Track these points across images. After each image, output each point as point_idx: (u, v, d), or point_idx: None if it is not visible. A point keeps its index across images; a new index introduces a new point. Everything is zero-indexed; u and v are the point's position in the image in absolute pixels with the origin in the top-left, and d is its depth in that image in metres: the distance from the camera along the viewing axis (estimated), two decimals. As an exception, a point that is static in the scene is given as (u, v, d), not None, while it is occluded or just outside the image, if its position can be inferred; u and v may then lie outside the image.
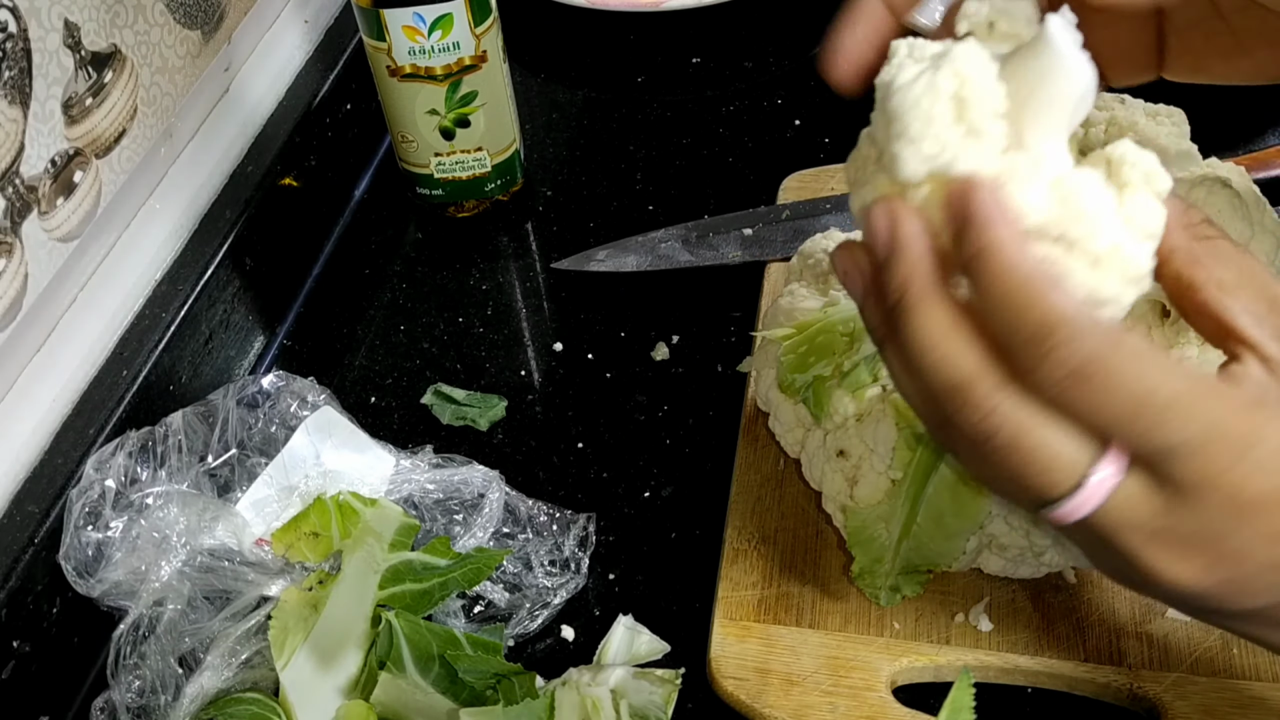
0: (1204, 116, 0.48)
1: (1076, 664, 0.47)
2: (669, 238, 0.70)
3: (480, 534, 0.53)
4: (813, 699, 0.47)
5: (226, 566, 0.51)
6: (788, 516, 0.53)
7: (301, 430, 0.56)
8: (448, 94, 0.68)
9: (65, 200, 0.56)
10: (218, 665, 0.48)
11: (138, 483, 0.52)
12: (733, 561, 0.52)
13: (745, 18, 0.88)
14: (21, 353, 0.54)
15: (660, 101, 0.83)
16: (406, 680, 0.47)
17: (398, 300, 0.71)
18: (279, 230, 0.70)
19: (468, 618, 0.52)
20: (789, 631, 0.49)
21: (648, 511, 0.57)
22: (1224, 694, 0.45)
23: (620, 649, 0.51)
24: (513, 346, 0.67)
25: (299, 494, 0.54)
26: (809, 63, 0.85)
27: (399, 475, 0.55)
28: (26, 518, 0.52)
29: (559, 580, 0.53)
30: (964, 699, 0.41)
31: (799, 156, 0.74)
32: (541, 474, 0.59)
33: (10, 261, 0.53)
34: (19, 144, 0.52)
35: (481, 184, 0.73)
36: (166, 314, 0.61)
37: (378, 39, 0.65)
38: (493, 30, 0.67)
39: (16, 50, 0.52)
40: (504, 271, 0.72)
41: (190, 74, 0.66)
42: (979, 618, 0.48)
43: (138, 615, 0.49)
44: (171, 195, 0.65)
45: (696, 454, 0.60)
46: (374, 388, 0.65)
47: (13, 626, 0.49)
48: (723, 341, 0.65)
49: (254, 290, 0.68)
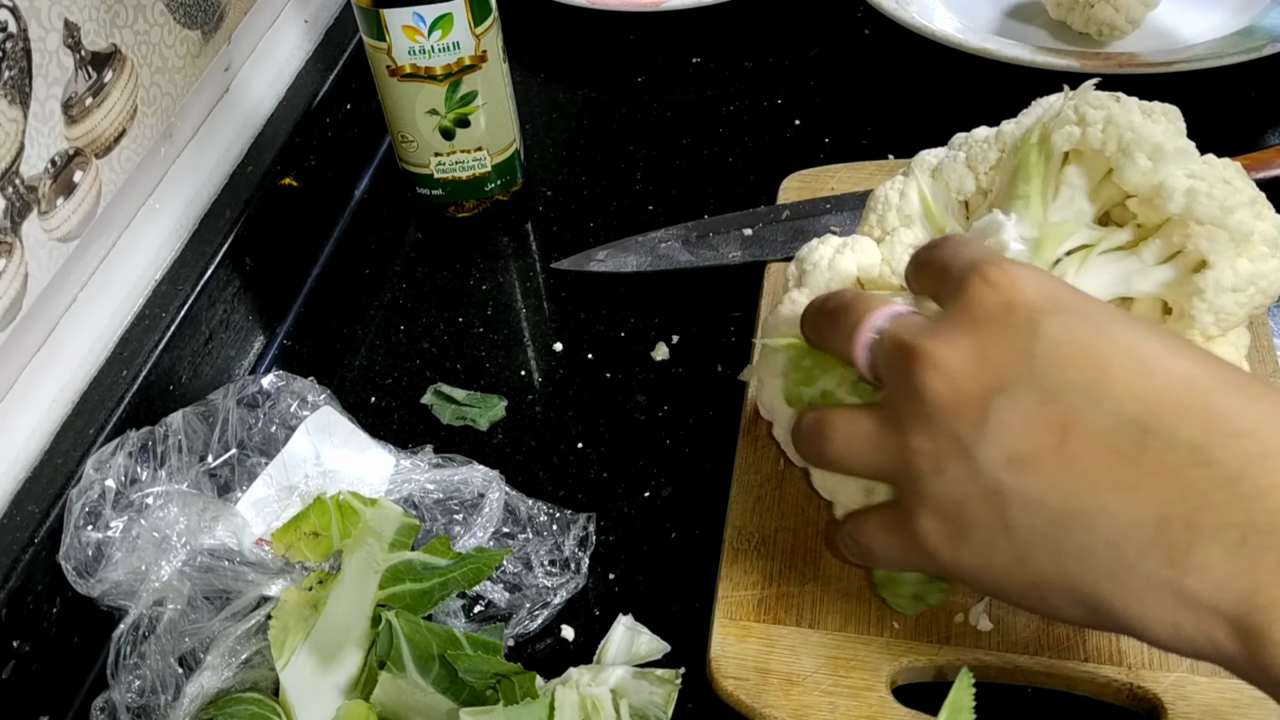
0: (1203, 115, 0.48)
1: (1076, 664, 0.47)
2: (669, 238, 0.70)
3: (480, 534, 0.53)
4: (813, 699, 0.47)
5: (226, 566, 0.51)
6: (788, 516, 0.53)
7: (301, 430, 0.56)
8: (448, 94, 0.68)
9: (65, 200, 0.56)
10: (218, 665, 0.48)
11: (138, 483, 0.52)
12: (733, 561, 0.52)
13: (745, 18, 0.88)
14: (21, 353, 0.54)
15: (660, 101, 0.83)
16: (406, 680, 0.47)
17: (398, 300, 0.71)
18: (279, 230, 0.70)
19: (468, 618, 0.52)
20: (789, 631, 0.49)
21: (648, 511, 0.57)
22: (1224, 694, 0.45)
23: (620, 649, 0.51)
24: (513, 346, 0.67)
25: (299, 494, 0.54)
26: (809, 63, 0.85)
27: (399, 475, 0.55)
28: (26, 518, 0.52)
29: (559, 580, 0.53)
30: (964, 699, 0.41)
31: (799, 156, 0.74)
32: (541, 474, 0.59)
33: (10, 261, 0.53)
34: (19, 144, 0.52)
35: (481, 184, 0.73)
36: (166, 314, 0.61)
37: (378, 39, 0.65)
38: (493, 30, 0.67)
39: (16, 50, 0.52)
40: (504, 271, 0.72)
41: (190, 74, 0.67)
42: (979, 618, 0.48)
43: (138, 615, 0.49)
44: (171, 195, 0.65)
45: (696, 454, 0.60)
46: (374, 388, 0.65)
47: (13, 626, 0.49)
48: (723, 342, 0.65)
49: (254, 290, 0.68)
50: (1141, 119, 0.43)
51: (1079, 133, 0.44)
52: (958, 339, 0.37)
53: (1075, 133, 0.44)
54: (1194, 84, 0.74)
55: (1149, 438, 0.34)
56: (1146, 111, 0.44)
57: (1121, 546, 0.34)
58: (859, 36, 0.86)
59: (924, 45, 0.79)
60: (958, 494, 0.37)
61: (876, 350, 0.40)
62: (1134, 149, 0.42)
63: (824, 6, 0.89)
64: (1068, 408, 0.35)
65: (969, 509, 0.37)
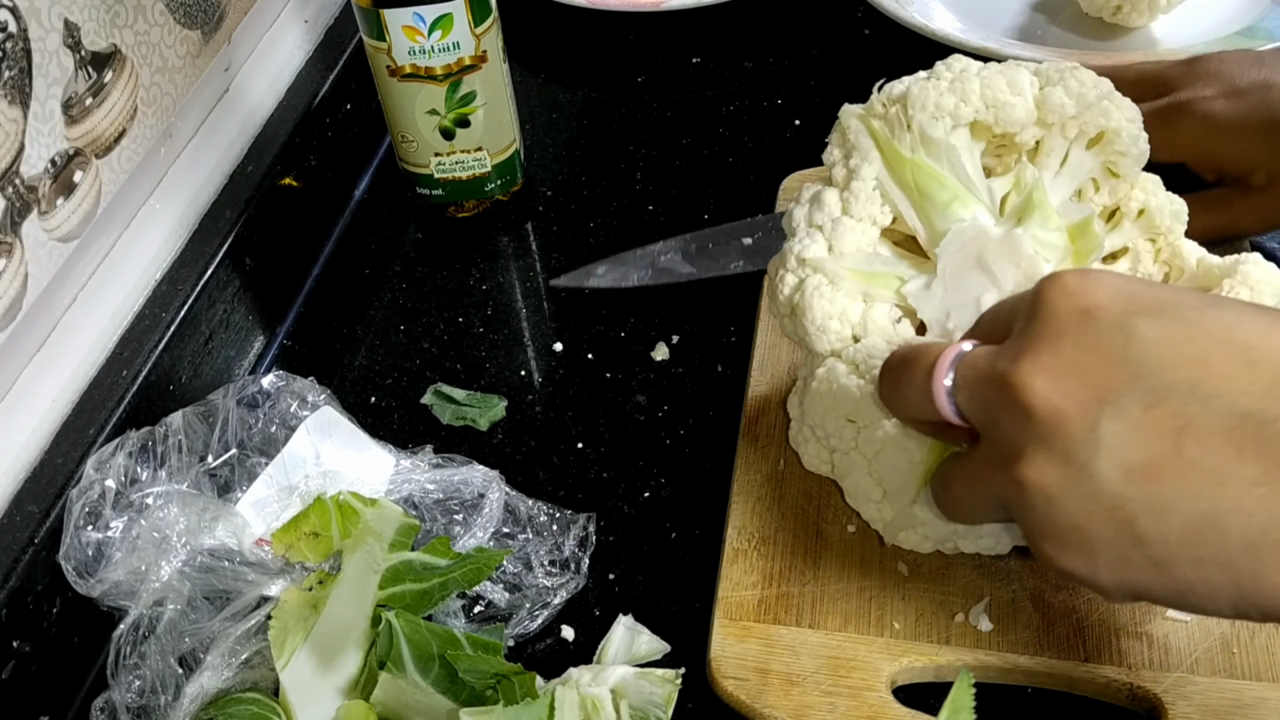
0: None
1: (1076, 664, 0.47)
2: (668, 249, 0.69)
3: (480, 534, 0.53)
4: (813, 699, 0.47)
5: (226, 566, 0.51)
6: (788, 516, 0.53)
7: (301, 430, 0.56)
8: (448, 94, 0.68)
9: (65, 200, 0.56)
10: (218, 665, 0.48)
11: (138, 483, 0.52)
12: (733, 561, 0.52)
13: (745, 18, 0.88)
14: (21, 353, 0.54)
15: (660, 101, 0.83)
16: (406, 680, 0.47)
17: (398, 300, 0.71)
18: (279, 230, 0.70)
19: (468, 618, 0.52)
20: (789, 631, 0.49)
21: (648, 511, 0.57)
22: (1224, 694, 0.45)
23: (620, 649, 0.51)
24: (513, 346, 0.67)
25: (299, 494, 0.54)
26: (809, 63, 0.85)
27: (399, 475, 0.55)
28: (26, 518, 0.52)
29: (559, 580, 0.53)
30: (964, 699, 0.41)
31: (799, 156, 0.74)
32: (541, 474, 0.59)
33: (10, 261, 0.53)
34: (19, 144, 0.52)
35: (481, 184, 0.73)
36: (166, 314, 0.61)
37: (378, 39, 0.65)
38: (493, 30, 0.67)
39: (16, 50, 0.52)
40: (504, 271, 0.72)
41: (190, 74, 0.67)
42: (979, 618, 0.48)
43: (138, 615, 0.49)
44: (171, 195, 0.65)
45: (696, 454, 0.60)
46: (374, 388, 0.65)
47: (13, 626, 0.49)
48: (723, 342, 0.65)
49: (254, 290, 0.68)
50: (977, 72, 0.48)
51: (1077, 130, 0.46)
52: (1044, 356, 0.36)
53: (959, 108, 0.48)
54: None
55: (1268, 429, 0.33)
56: (946, 68, 0.49)
57: (1259, 546, 0.33)
58: (859, 36, 0.86)
59: (924, 45, 0.79)
60: (1079, 517, 0.35)
61: (957, 394, 0.39)
62: (1002, 96, 0.47)
63: (824, 6, 0.89)
64: (1177, 410, 0.34)
65: (1093, 530, 0.35)
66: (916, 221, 0.49)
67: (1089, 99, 0.47)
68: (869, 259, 0.49)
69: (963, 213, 0.47)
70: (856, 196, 0.49)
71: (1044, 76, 0.48)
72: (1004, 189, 0.49)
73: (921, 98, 0.48)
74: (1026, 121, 0.48)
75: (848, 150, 0.50)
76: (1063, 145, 0.49)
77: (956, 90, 0.47)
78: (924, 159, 0.48)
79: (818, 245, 0.50)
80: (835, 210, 0.50)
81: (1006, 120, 0.48)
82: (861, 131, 0.50)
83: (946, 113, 0.47)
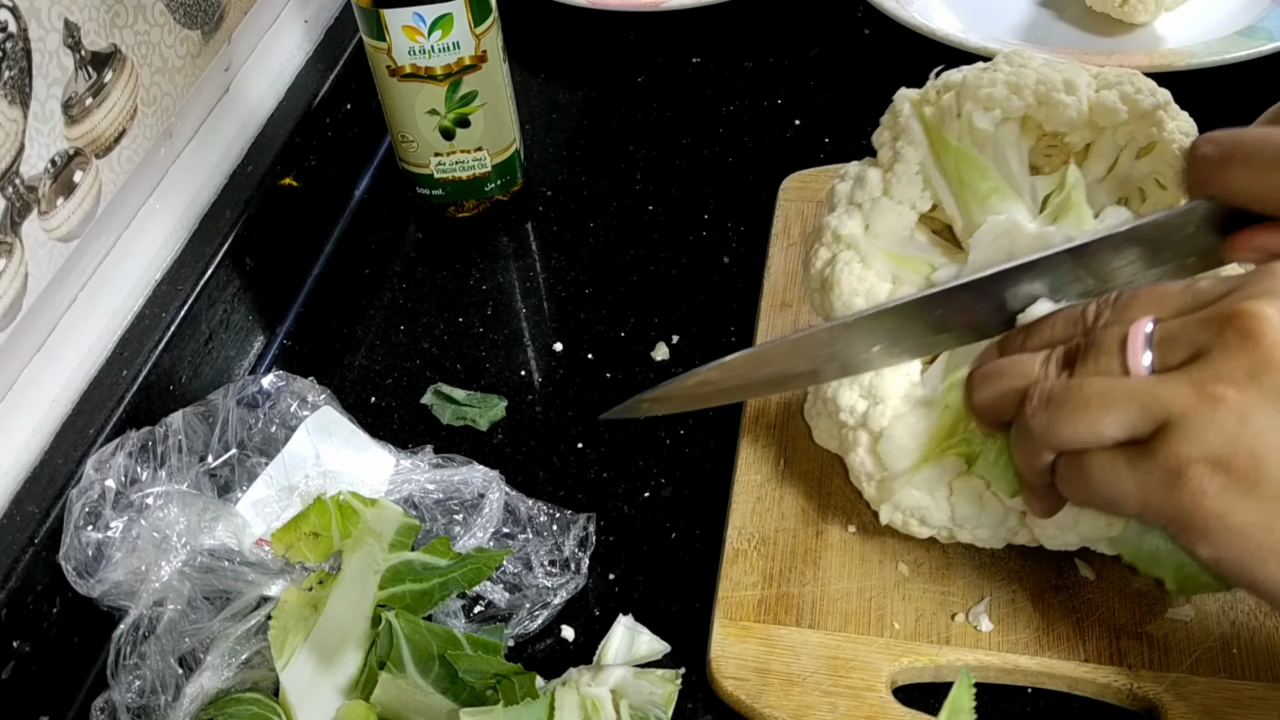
0: (1203, 116, 0.48)
1: (1076, 664, 0.47)
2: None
3: (480, 534, 0.53)
4: (813, 699, 0.47)
5: (226, 566, 0.51)
6: (788, 516, 0.53)
7: (301, 430, 0.56)
8: (448, 94, 0.68)
9: (65, 200, 0.56)
10: (218, 665, 0.48)
11: (138, 483, 0.52)
12: (733, 561, 0.52)
13: (745, 18, 0.88)
14: (21, 353, 0.54)
15: (660, 101, 0.83)
16: (406, 680, 0.47)
17: (398, 300, 0.71)
18: (279, 230, 0.70)
19: (468, 618, 0.52)
20: (789, 631, 0.49)
21: (648, 511, 0.57)
22: (1224, 694, 0.45)
23: (620, 649, 0.51)
24: (513, 346, 0.67)
25: (299, 494, 0.54)
26: (809, 63, 0.85)
27: (399, 475, 0.55)
28: (26, 518, 0.52)
29: (559, 580, 0.53)
30: (964, 699, 0.41)
31: (799, 156, 0.74)
32: (541, 474, 0.59)
33: (10, 261, 0.53)
34: (19, 144, 0.52)
35: (481, 184, 0.73)
36: (166, 314, 0.61)
37: (378, 39, 0.65)
38: (493, 30, 0.67)
39: (16, 50, 0.52)
40: (504, 271, 0.72)
41: (190, 74, 0.66)
42: (979, 618, 0.48)
43: (138, 615, 0.49)
44: (171, 195, 0.65)
45: (696, 454, 0.60)
46: (374, 388, 0.65)
47: (13, 626, 0.49)
48: (723, 342, 0.65)
49: (254, 290, 0.68)
50: (1037, 67, 0.47)
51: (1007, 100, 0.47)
52: None
53: (1010, 101, 0.47)
54: (1194, 84, 0.74)
55: None
56: (1006, 61, 0.49)
57: None
58: (859, 36, 0.86)
59: (924, 45, 0.79)
60: (1260, 446, 0.35)
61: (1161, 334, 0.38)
62: (1056, 94, 0.47)
63: (824, 6, 0.89)
64: None
65: (1270, 461, 0.35)
66: (955, 209, 0.48)
67: (1144, 107, 0.46)
68: (903, 242, 0.49)
69: (1001, 205, 0.47)
70: (899, 179, 0.49)
71: (1102, 80, 0.48)
72: (1048, 188, 0.48)
73: (974, 87, 0.47)
74: (1078, 123, 0.47)
75: (896, 133, 0.50)
76: (1113, 150, 0.48)
77: (1011, 84, 0.47)
78: (969, 148, 0.48)
79: (855, 222, 0.50)
80: (876, 190, 0.50)
81: (1057, 119, 0.47)
82: (912, 116, 0.50)
83: (997, 104, 0.47)
